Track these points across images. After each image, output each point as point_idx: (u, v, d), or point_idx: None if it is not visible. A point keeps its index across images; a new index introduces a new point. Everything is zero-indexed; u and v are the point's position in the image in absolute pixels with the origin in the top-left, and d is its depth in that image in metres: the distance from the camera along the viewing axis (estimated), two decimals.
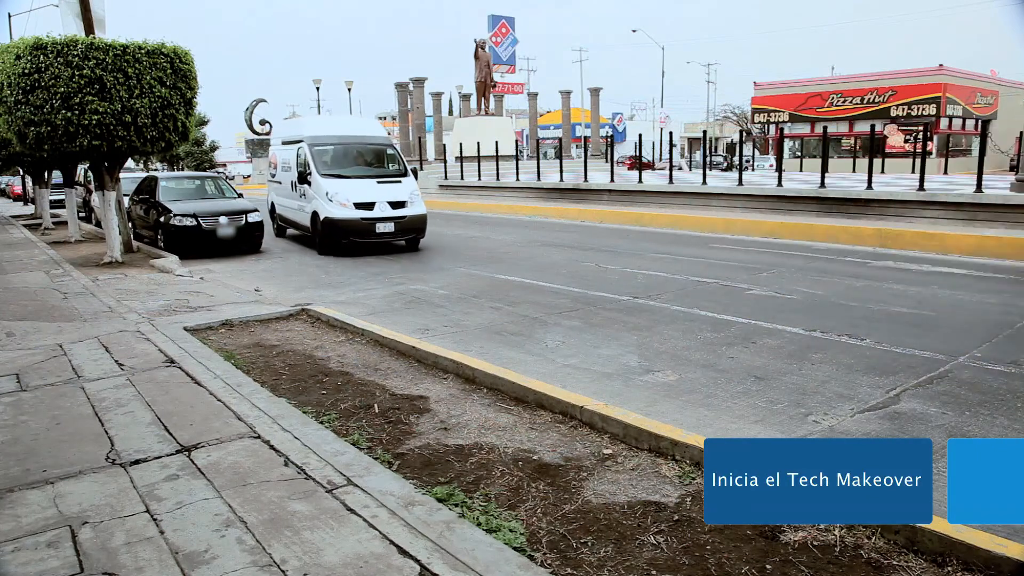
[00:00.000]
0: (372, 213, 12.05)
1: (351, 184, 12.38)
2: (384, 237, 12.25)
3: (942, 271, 9.70)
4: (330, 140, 13.31)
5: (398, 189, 12.56)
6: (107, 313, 7.46)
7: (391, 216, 12.18)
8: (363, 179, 12.66)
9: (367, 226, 12.04)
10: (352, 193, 12.11)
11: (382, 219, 12.09)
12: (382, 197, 12.21)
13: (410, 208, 12.47)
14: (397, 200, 12.35)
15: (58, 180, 19.67)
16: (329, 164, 12.90)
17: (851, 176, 22.78)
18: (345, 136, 13.64)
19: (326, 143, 13.20)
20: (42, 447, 3.85)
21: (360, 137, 13.86)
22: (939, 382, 5.05)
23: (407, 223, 12.40)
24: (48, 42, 9.77)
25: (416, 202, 12.61)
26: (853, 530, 2.94)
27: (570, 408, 4.28)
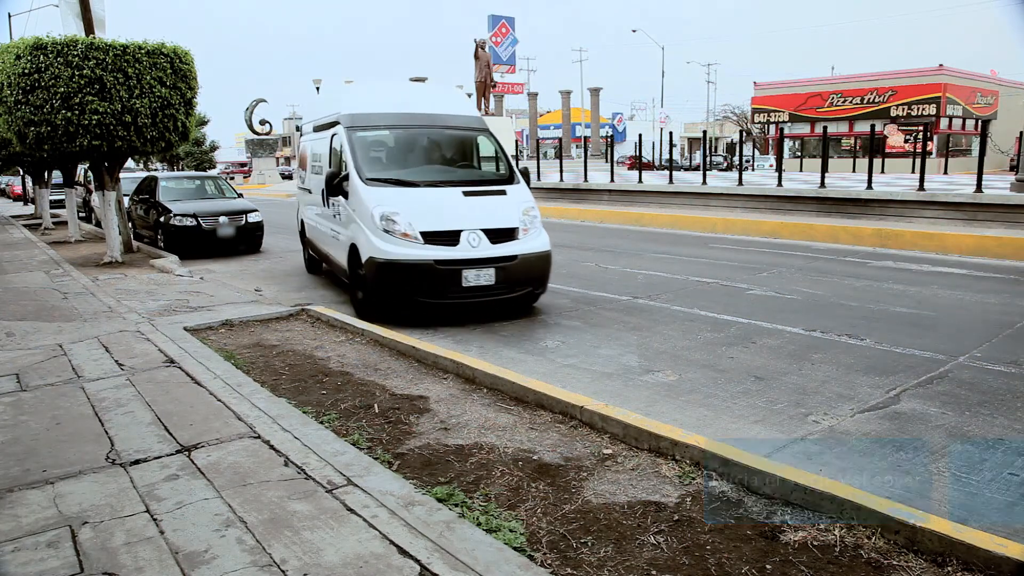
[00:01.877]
0: (456, 251, 6.78)
1: (417, 198, 7.15)
2: (477, 294, 6.89)
3: (942, 271, 9.70)
4: (382, 121, 8.05)
5: (500, 207, 7.28)
6: (107, 313, 7.45)
7: (490, 257, 6.86)
8: (438, 188, 7.39)
9: (446, 275, 6.72)
10: (420, 215, 6.90)
11: (474, 262, 6.80)
12: (473, 222, 6.95)
13: (523, 241, 7.11)
14: (499, 227, 7.04)
15: (58, 180, 19.69)
16: (379, 162, 7.79)
17: (851, 176, 22.79)
18: (408, 115, 8.15)
19: (374, 126, 8.02)
20: (42, 447, 3.85)
21: (433, 117, 8.27)
22: (939, 382, 5.05)
23: (518, 269, 6.97)
24: (48, 42, 9.77)
25: (533, 230, 7.28)
26: (853, 530, 2.94)
27: (570, 408, 4.28)
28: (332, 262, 8.80)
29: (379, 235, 6.81)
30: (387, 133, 8.17)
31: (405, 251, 6.71)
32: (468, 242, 6.82)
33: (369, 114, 8.07)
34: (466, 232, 6.86)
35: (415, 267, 6.68)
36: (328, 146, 8.52)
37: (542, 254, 7.23)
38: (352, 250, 7.38)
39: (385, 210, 6.85)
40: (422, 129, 8.23)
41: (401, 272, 6.71)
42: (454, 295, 6.82)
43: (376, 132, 8.09)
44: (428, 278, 6.71)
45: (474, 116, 8.78)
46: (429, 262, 6.66)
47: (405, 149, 8.18)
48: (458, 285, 6.75)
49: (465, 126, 8.51)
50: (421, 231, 6.79)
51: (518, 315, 7.36)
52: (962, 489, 3.46)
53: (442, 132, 8.36)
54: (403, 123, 8.15)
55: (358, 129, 7.87)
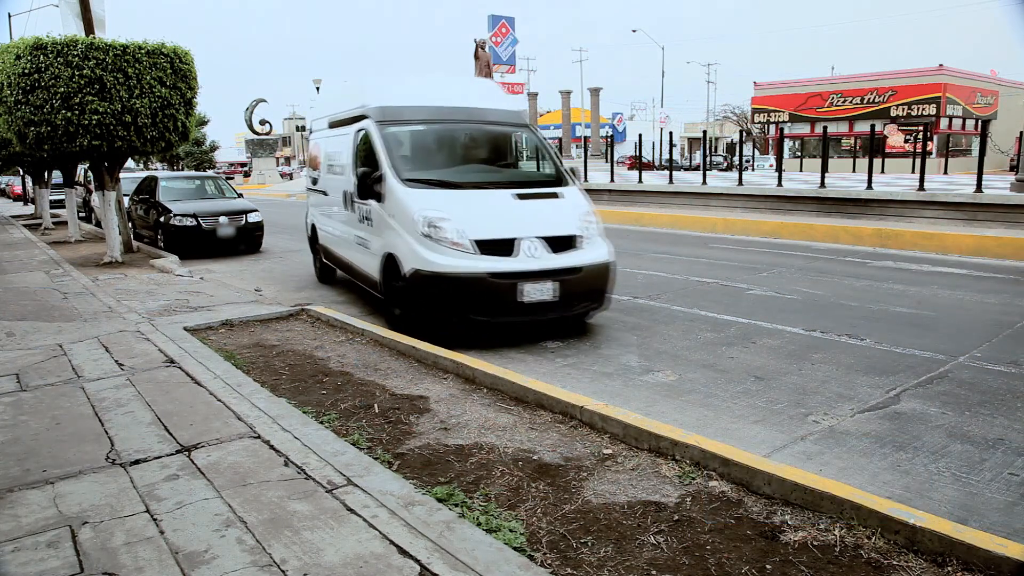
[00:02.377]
0: (513, 262, 5.99)
1: (466, 202, 6.36)
2: (535, 311, 6.07)
3: (942, 271, 9.70)
4: (415, 115, 7.22)
5: (557, 212, 6.52)
6: (107, 313, 7.45)
7: (550, 269, 6.05)
8: (486, 191, 6.59)
9: (502, 290, 5.91)
10: (471, 220, 6.10)
11: (533, 275, 5.97)
12: (529, 229, 6.16)
13: (585, 251, 6.34)
14: (559, 234, 6.27)
15: (58, 180, 19.71)
16: (416, 161, 6.95)
17: (851, 176, 22.79)
18: (443, 109, 7.35)
19: (407, 120, 7.15)
20: (42, 447, 3.85)
21: (471, 111, 7.44)
22: (939, 382, 5.05)
23: (580, 283, 6.19)
24: (48, 42, 9.77)
25: (593, 238, 6.50)
26: (853, 530, 2.94)
27: (570, 408, 4.28)
28: (356, 272, 7.88)
29: (424, 244, 6.02)
30: (422, 128, 7.30)
31: (456, 262, 5.90)
32: (526, 252, 6.04)
33: (401, 107, 7.23)
34: (523, 240, 6.06)
35: (467, 281, 5.87)
36: (351, 143, 7.62)
37: (605, 265, 6.43)
38: (388, 261, 6.58)
39: (431, 215, 6.07)
40: (460, 124, 7.42)
41: (451, 286, 5.89)
42: (510, 313, 5.98)
43: (410, 127, 7.22)
44: (482, 293, 5.90)
45: (514, 110, 7.86)
46: (483, 275, 5.86)
47: (443, 146, 7.39)
48: (515, 301, 5.92)
49: (505, 121, 7.68)
50: (474, 239, 5.97)
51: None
52: (962, 489, 3.46)
53: (481, 128, 7.57)
54: (439, 117, 7.32)
55: (389, 124, 7.03)
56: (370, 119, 7.09)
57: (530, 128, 7.85)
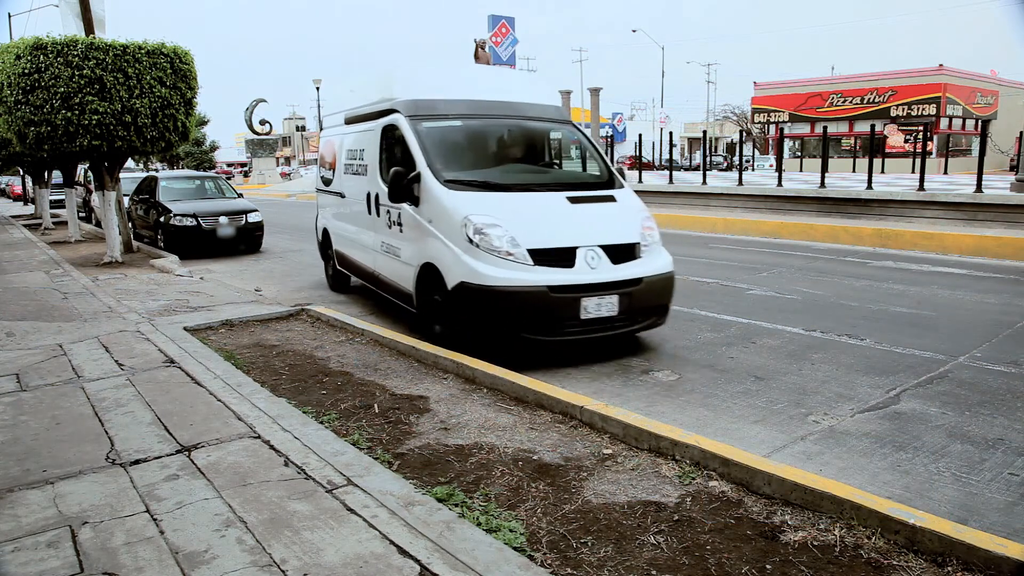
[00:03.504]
0: (573, 274, 5.41)
1: (517, 206, 5.78)
2: (596, 327, 5.51)
3: (942, 271, 9.71)
4: (451, 109, 6.59)
5: (615, 217, 5.97)
6: (107, 313, 7.45)
7: (613, 281, 5.49)
8: (536, 194, 6.04)
9: (562, 305, 5.34)
10: (524, 227, 5.52)
11: (595, 288, 5.41)
12: (588, 236, 5.59)
13: (646, 260, 5.79)
14: (620, 242, 5.70)
15: (58, 180, 19.71)
16: (456, 160, 6.29)
17: (851, 176, 22.79)
18: (481, 103, 6.72)
19: (443, 115, 6.54)
20: (42, 447, 3.85)
21: (510, 106, 6.86)
22: (939, 382, 5.05)
23: (644, 296, 5.64)
24: (48, 42, 9.77)
25: (653, 245, 5.94)
26: (853, 530, 2.94)
27: (570, 408, 4.28)
28: (383, 283, 7.12)
29: (473, 253, 5.38)
30: (459, 124, 6.65)
31: (511, 274, 5.28)
32: (586, 262, 5.45)
33: (434, 100, 6.59)
34: (582, 250, 5.48)
35: (524, 296, 5.25)
36: (376, 140, 6.99)
37: (668, 276, 5.88)
38: (425, 272, 5.93)
39: (479, 221, 5.43)
40: (499, 120, 6.81)
41: (505, 302, 5.25)
42: (569, 329, 5.42)
43: (446, 122, 6.55)
44: (540, 309, 5.30)
45: (555, 105, 7.28)
46: (542, 289, 5.26)
47: (483, 144, 6.81)
48: (575, 317, 5.35)
49: (547, 116, 7.09)
50: (530, 248, 5.37)
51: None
52: (962, 489, 3.46)
53: (523, 124, 6.97)
54: (476, 112, 6.68)
55: (423, 119, 6.39)
56: (400, 113, 6.48)
57: (573, 124, 7.31)
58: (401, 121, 6.43)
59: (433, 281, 5.84)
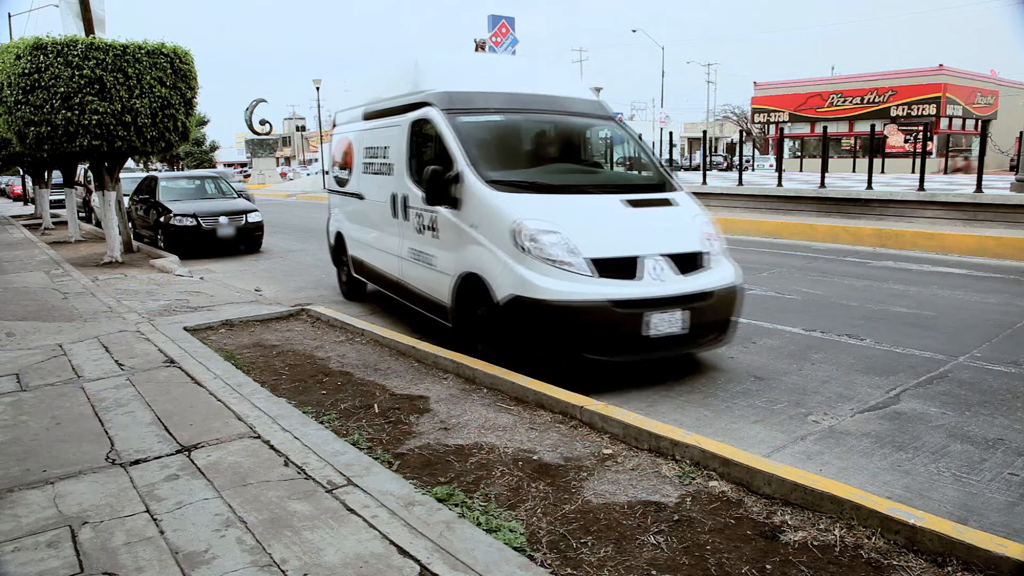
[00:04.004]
0: (638, 287, 4.88)
1: (572, 210, 5.24)
2: (661, 347, 5.00)
3: (942, 271, 9.71)
4: (488, 103, 6.08)
5: (676, 223, 5.51)
6: (107, 313, 7.45)
7: (681, 295, 4.96)
8: (590, 196, 5.52)
9: (626, 321, 4.79)
10: (583, 233, 4.99)
11: (662, 302, 4.88)
12: (651, 244, 5.08)
13: (713, 271, 5.30)
14: (684, 251, 5.20)
15: (58, 180, 19.71)
16: (499, 157, 5.84)
17: (851, 176, 22.80)
18: (520, 96, 6.24)
19: (480, 109, 6.01)
20: (42, 447, 3.85)
21: (550, 100, 6.36)
22: (939, 382, 5.05)
23: (711, 311, 5.13)
24: (48, 42, 9.78)
25: (718, 255, 5.45)
26: (853, 530, 2.94)
27: (570, 408, 4.28)
28: (411, 294, 6.49)
29: (526, 263, 4.82)
30: (499, 119, 6.11)
31: (571, 287, 4.71)
32: (651, 274, 4.89)
33: (470, 92, 6.06)
34: (646, 259, 4.92)
35: (585, 311, 4.68)
36: (403, 136, 6.40)
37: (735, 289, 5.36)
38: (467, 282, 5.35)
39: (533, 226, 4.88)
40: (541, 115, 6.27)
41: (564, 318, 4.68)
42: (632, 350, 4.89)
43: (484, 117, 6.01)
44: (602, 326, 4.74)
45: (595, 100, 6.74)
46: (605, 303, 4.69)
47: (525, 141, 6.27)
48: (640, 335, 4.79)
49: (590, 112, 6.55)
50: (590, 258, 4.82)
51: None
52: (962, 489, 3.46)
53: (566, 120, 6.44)
54: (516, 106, 6.15)
55: (459, 112, 5.84)
56: (434, 107, 5.91)
57: (616, 120, 6.75)
58: (435, 115, 5.86)
59: (476, 293, 5.26)
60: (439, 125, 5.79)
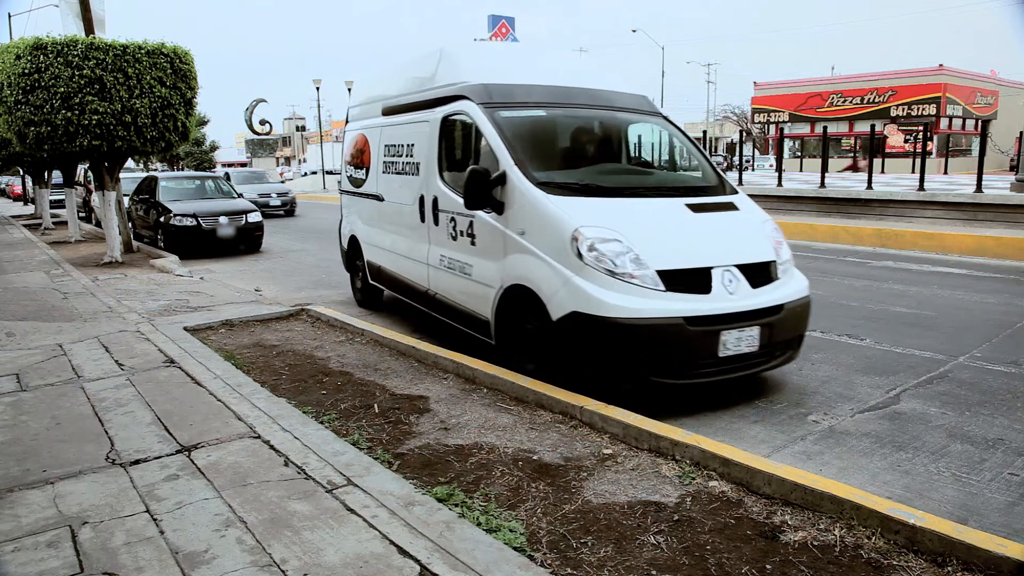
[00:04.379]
0: (711, 302, 4.39)
1: (630, 214, 4.76)
2: (732, 367, 4.53)
3: (942, 271, 9.71)
4: (531, 97, 5.60)
5: (743, 230, 5.04)
6: (107, 313, 7.45)
7: (755, 309, 4.51)
8: (648, 199, 5.04)
9: (700, 340, 4.34)
10: (649, 242, 4.50)
11: (736, 318, 4.43)
12: (721, 254, 4.62)
13: (783, 282, 4.84)
14: (756, 261, 4.74)
15: (58, 180, 19.73)
16: (547, 156, 5.40)
17: (851, 176, 22.79)
18: (563, 90, 5.77)
19: (523, 103, 5.53)
20: (42, 447, 3.85)
21: (594, 94, 5.90)
22: (939, 382, 5.05)
23: (784, 327, 4.70)
24: (48, 42, 9.78)
25: (787, 264, 4.99)
26: (853, 530, 2.94)
27: (570, 408, 4.28)
28: (442, 305, 5.94)
29: (587, 275, 4.31)
30: (543, 114, 5.63)
31: (641, 303, 4.22)
32: (724, 287, 4.42)
33: (510, 85, 5.55)
34: (718, 271, 4.45)
35: (657, 329, 4.21)
36: (434, 133, 5.90)
37: (807, 302, 4.94)
38: (513, 295, 4.85)
39: (594, 234, 4.39)
40: (586, 109, 5.78)
41: (634, 337, 4.21)
42: (704, 370, 4.42)
43: (527, 112, 5.51)
44: (674, 346, 4.29)
45: (639, 94, 6.22)
46: (678, 321, 4.22)
47: (572, 138, 5.77)
48: (713, 355, 4.35)
49: (634, 107, 6.02)
50: (659, 269, 4.33)
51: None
52: (962, 489, 3.46)
53: (612, 115, 5.92)
54: (558, 100, 5.66)
55: (500, 107, 5.32)
56: (471, 100, 5.41)
57: (664, 116, 6.21)
58: (473, 109, 5.35)
59: (525, 307, 4.76)
60: (478, 120, 5.27)
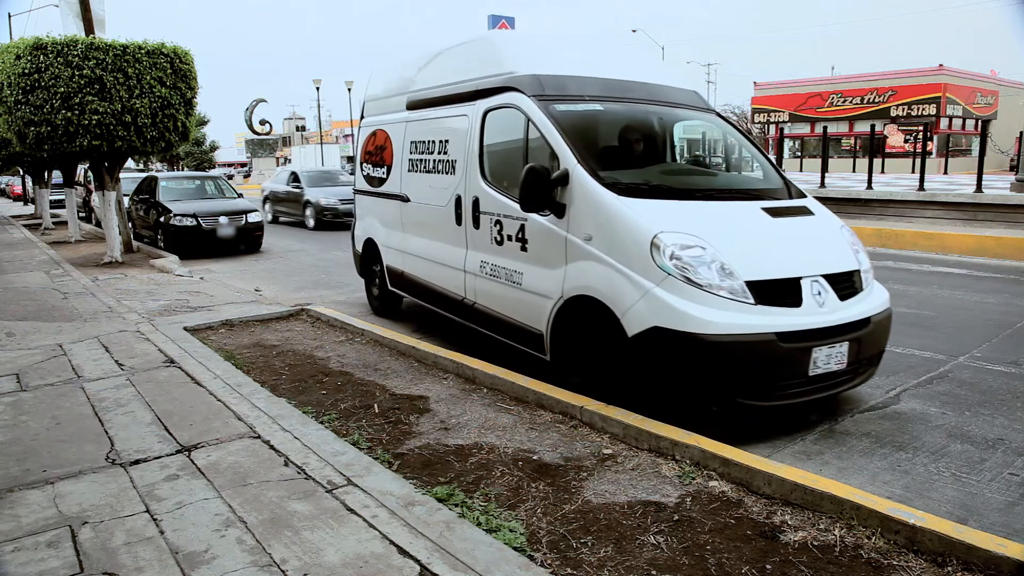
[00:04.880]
0: (802, 316, 3.98)
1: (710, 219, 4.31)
2: (824, 384, 4.14)
3: (942, 271, 9.70)
4: (586, 90, 5.17)
5: (823, 236, 4.66)
6: (107, 313, 7.45)
7: (845, 323, 4.13)
8: (724, 203, 4.64)
9: (791, 358, 3.93)
10: (731, 249, 4.04)
11: (827, 333, 4.04)
12: (807, 262, 4.22)
13: (868, 293, 4.49)
14: (842, 270, 4.33)
15: (58, 180, 19.72)
16: (609, 155, 5.03)
17: (851, 176, 22.79)
18: (619, 83, 5.37)
19: (579, 97, 5.09)
20: (42, 447, 3.85)
21: (649, 88, 5.50)
22: (939, 382, 5.05)
23: (871, 342, 4.35)
24: (48, 42, 9.78)
25: (868, 272, 4.63)
26: (853, 530, 2.94)
27: (570, 408, 4.28)
28: (485, 316, 5.49)
29: (671, 286, 3.90)
30: (601, 109, 5.15)
31: (730, 317, 3.82)
32: (813, 299, 4.04)
33: (563, 77, 5.12)
34: (807, 281, 4.07)
35: (748, 347, 3.81)
36: (475, 128, 5.47)
37: (889, 314, 4.62)
38: (575, 307, 4.45)
39: (677, 240, 3.99)
40: (642, 105, 5.35)
41: (723, 356, 3.80)
42: (792, 391, 4.04)
43: (584, 106, 5.05)
44: (766, 365, 3.90)
45: (691, 89, 5.83)
46: (770, 337, 3.83)
47: (632, 136, 5.25)
48: (803, 374, 3.99)
49: (689, 103, 5.65)
50: (749, 280, 3.93)
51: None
52: (962, 489, 3.46)
53: (669, 112, 5.56)
54: (614, 94, 5.23)
55: (554, 100, 4.90)
56: (521, 92, 4.98)
57: (718, 114, 5.89)
58: (524, 102, 4.92)
59: (590, 321, 4.35)
60: (531, 114, 4.84)
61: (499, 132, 5.35)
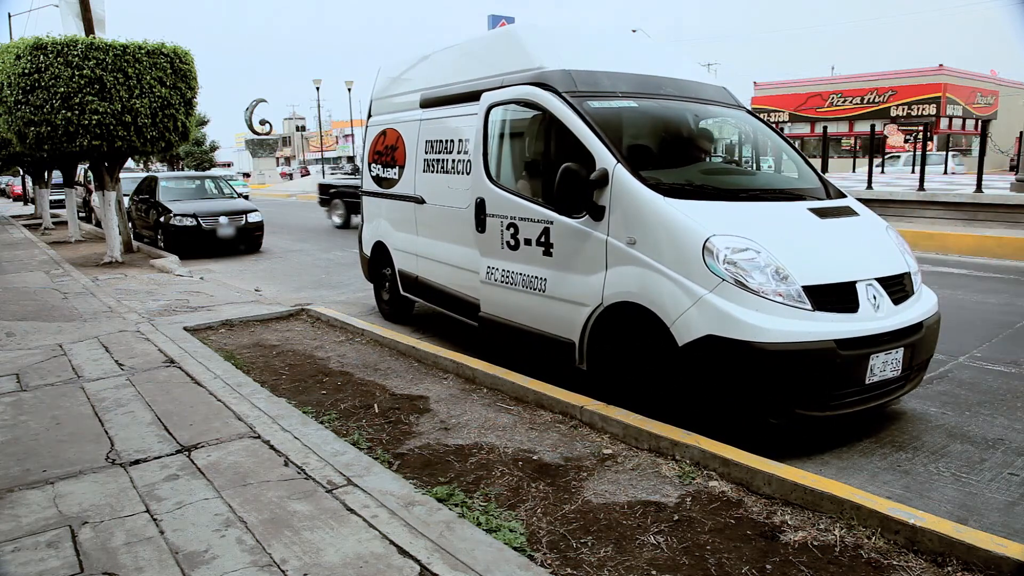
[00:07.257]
0: (860, 321, 3.82)
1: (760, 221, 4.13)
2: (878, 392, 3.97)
3: (942, 271, 9.70)
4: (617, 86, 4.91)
5: (871, 236, 4.51)
6: (107, 313, 7.45)
7: (900, 329, 3.96)
8: (771, 203, 4.51)
9: (849, 366, 3.75)
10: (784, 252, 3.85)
11: (884, 339, 3.88)
12: (861, 266, 4.06)
13: (919, 297, 4.37)
14: (895, 273, 4.19)
15: (58, 180, 19.73)
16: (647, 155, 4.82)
17: (851, 176, 22.79)
18: (650, 79, 5.18)
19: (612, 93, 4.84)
20: (42, 447, 3.85)
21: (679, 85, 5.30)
22: (939, 382, 5.05)
23: (924, 347, 4.23)
24: (48, 42, 9.78)
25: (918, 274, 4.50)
26: (853, 530, 2.94)
27: (570, 408, 4.28)
28: (508, 326, 5.23)
29: (724, 292, 3.71)
30: (635, 106, 4.94)
31: (789, 324, 3.64)
32: (869, 303, 3.89)
33: (595, 72, 4.88)
34: (862, 285, 3.92)
35: (807, 355, 3.63)
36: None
37: (939, 318, 4.47)
38: (615, 315, 4.24)
39: (729, 243, 3.80)
40: (676, 102, 5.14)
41: (781, 365, 3.62)
42: (849, 400, 3.87)
43: (618, 103, 4.83)
44: (824, 373, 3.72)
45: (720, 85, 5.68)
46: (829, 345, 3.66)
47: (667, 135, 5.16)
48: (860, 382, 3.82)
49: (720, 100, 5.47)
50: (805, 285, 3.75)
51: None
52: (962, 489, 3.46)
53: (703, 109, 5.37)
54: (647, 91, 5.01)
55: (587, 96, 4.65)
56: (550, 88, 4.69)
57: (748, 111, 5.72)
58: (552, 100, 4.64)
59: (634, 329, 4.14)
60: (562, 112, 4.56)
61: (523, 130, 5.14)
